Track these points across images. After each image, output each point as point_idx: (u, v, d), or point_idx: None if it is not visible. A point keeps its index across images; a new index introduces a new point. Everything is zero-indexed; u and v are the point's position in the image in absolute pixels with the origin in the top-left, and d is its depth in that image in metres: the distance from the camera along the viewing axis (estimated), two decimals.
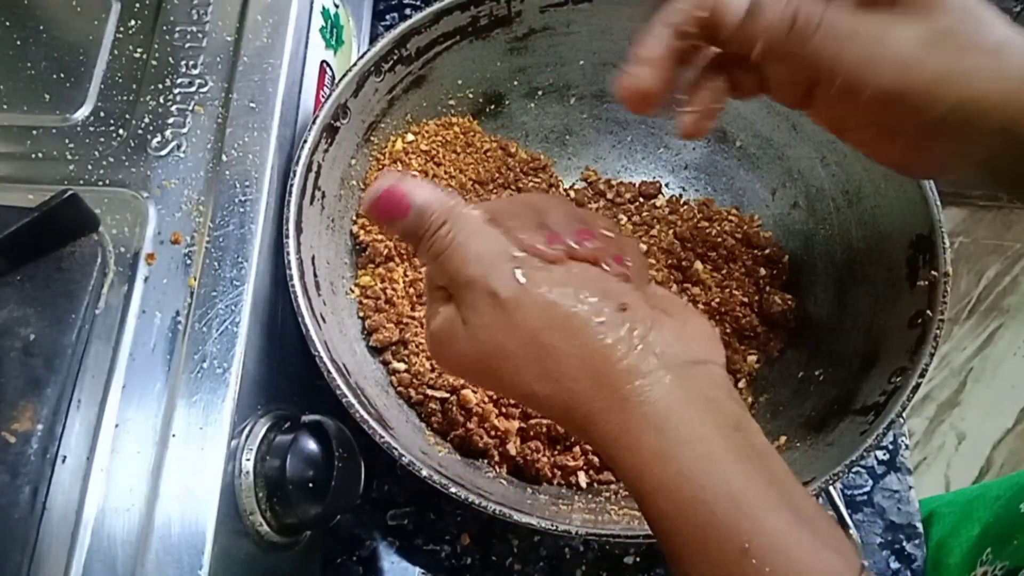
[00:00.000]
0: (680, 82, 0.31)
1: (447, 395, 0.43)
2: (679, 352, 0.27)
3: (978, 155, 0.29)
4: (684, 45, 0.30)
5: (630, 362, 0.26)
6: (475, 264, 0.27)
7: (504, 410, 0.43)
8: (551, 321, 0.26)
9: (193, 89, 0.41)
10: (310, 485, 0.34)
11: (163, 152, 0.39)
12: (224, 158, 0.39)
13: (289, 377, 0.39)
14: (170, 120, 0.40)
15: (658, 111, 0.31)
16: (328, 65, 0.47)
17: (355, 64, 0.44)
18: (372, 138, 0.48)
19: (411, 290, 0.45)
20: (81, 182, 0.39)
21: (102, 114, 0.41)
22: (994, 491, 0.49)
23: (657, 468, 0.25)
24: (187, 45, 0.42)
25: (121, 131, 0.40)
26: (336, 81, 0.45)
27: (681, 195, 0.53)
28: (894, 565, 0.47)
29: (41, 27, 0.44)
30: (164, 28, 0.43)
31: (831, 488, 0.44)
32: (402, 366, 0.44)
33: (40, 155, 0.40)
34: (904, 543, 0.48)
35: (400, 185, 0.28)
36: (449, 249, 0.28)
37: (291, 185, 0.40)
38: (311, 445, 0.35)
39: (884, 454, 0.50)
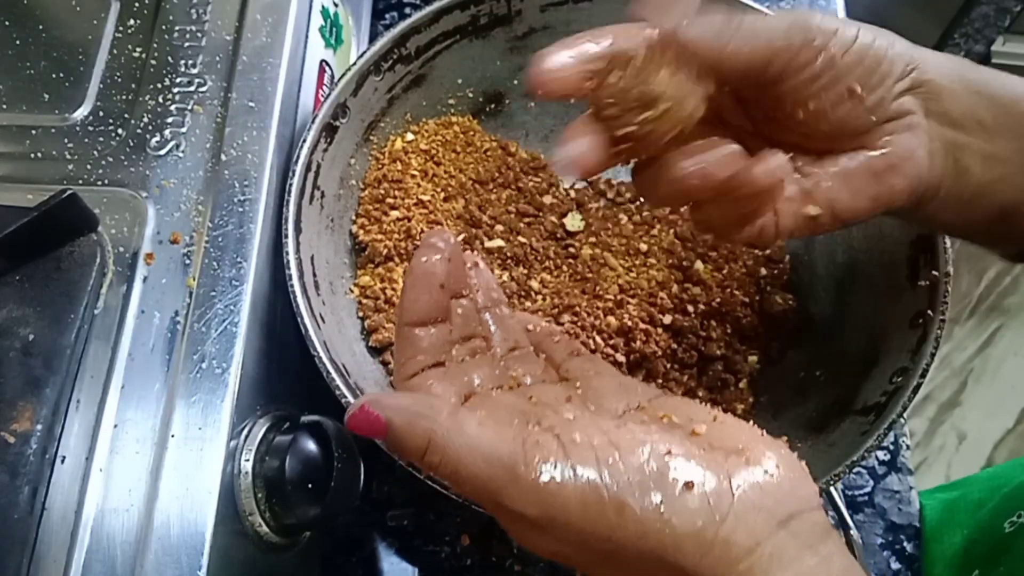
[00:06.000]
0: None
1: None
2: (773, 510, 0.23)
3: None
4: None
5: (711, 557, 0.22)
6: (483, 489, 0.24)
7: None
8: (595, 523, 0.23)
9: (192, 88, 0.41)
10: (309, 486, 0.34)
11: (162, 152, 0.39)
12: (223, 157, 0.39)
13: (288, 377, 0.39)
14: (169, 120, 0.40)
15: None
16: (327, 64, 0.47)
17: (354, 63, 0.43)
18: (372, 137, 0.47)
19: None
20: (80, 182, 0.39)
21: (101, 114, 0.41)
22: (975, 493, 0.49)
23: None
24: (186, 44, 0.42)
25: (120, 131, 0.40)
26: (335, 80, 0.45)
27: None
28: (895, 566, 0.47)
29: (40, 27, 0.44)
30: (163, 27, 0.43)
31: (832, 488, 0.44)
32: None
33: (39, 155, 0.40)
34: (905, 543, 0.48)
35: (373, 405, 0.26)
36: (448, 478, 0.25)
37: (290, 184, 0.40)
38: (310, 446, 0.34)
39: (885, 454, 0.50)
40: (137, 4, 0.44)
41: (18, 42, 0.43)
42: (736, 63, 0.28)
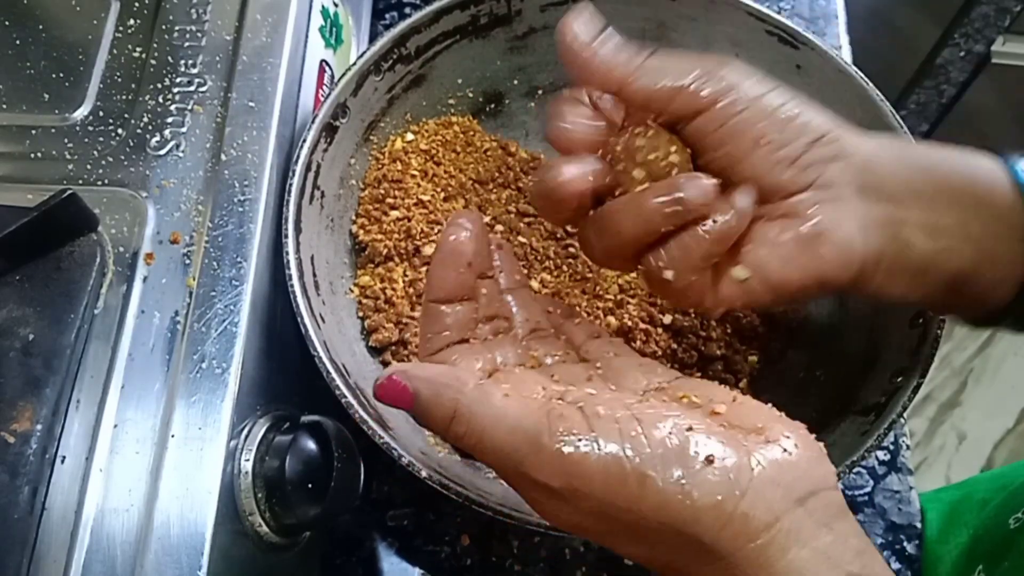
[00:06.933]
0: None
1: None
2: (792, 487, 0.23)
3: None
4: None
5: (730, 530, 0.22)
6: (507, 459, 0.24)
7: None
8: (617, 494, 0.23)
9: (192, 88, 0.41)
10: (309, 486, 0.34)
11: (162, 151, 0.39)
12: (223, 157, 0.39)
13: (288, 377, 0.39)
14: (169, 119, 0.40)
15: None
16: (327, 64, 0.47)
17: (354, 63, 0.44)
18: (371, 137, 0.47)
19: (410, 290, 0.45)
20: (80, 182, 0.39)
21: (101, 113, 0.41)
22: (980, 493, 0.49)
23: None
24: (186, 44, 0.42)
25: (120, 130, 0.40)
26: (335, 80, 0.45)
27: None
28: (895, 566, 0.47)
29: (40, 26, 0.44)
30: (163, 27, 0.43)
31: None
32: None
33: (39, 155, 0.40)
34: (905, 543, 0.48)
35: (400, 375, 0.26)
36: (472, 448, 0.25)
37: (290, 184, 0.40)
38: (310, 446, 0.34)
39: (885, 454, 0.50)
40: (137, 4, 0.44)
41: (18, 42, 0.43)
42: (638, 95, 0.30)
